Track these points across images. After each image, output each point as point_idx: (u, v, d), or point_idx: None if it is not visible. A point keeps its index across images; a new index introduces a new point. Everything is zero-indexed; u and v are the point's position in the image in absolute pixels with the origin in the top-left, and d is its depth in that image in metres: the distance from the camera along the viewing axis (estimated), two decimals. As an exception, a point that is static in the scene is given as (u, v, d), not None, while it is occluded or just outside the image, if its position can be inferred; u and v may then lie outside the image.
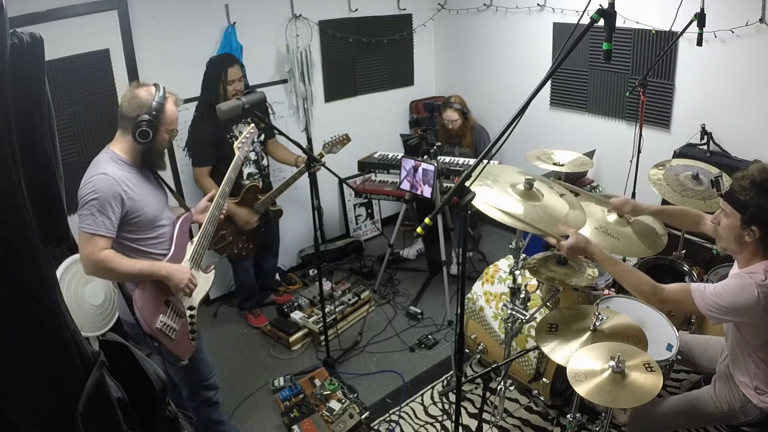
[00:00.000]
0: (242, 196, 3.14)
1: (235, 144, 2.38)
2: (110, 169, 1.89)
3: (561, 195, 2.20)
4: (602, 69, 3.68)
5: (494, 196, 2.03)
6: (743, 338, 1.84)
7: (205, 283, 2.21)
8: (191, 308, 2.13)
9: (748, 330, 1.81)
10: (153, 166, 2.08)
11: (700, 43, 2.75)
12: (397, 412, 2.80)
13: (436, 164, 3.22)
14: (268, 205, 3.24)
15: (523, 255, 2.34)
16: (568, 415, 2.16)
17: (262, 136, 3.31)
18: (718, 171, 2.56)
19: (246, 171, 3.24)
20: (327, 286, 3.64)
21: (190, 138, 3.18)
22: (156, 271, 1.96)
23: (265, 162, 3.37)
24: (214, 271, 2.28)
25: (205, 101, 3.04)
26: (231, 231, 3.17)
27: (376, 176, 3.85)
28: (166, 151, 2.12)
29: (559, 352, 1.94)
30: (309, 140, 4.13)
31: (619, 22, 3.32)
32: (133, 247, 1.99)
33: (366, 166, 3.78)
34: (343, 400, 2.74)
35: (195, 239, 2.16)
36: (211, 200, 2.26)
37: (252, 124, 2.50)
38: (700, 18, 2.69)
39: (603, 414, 2.16)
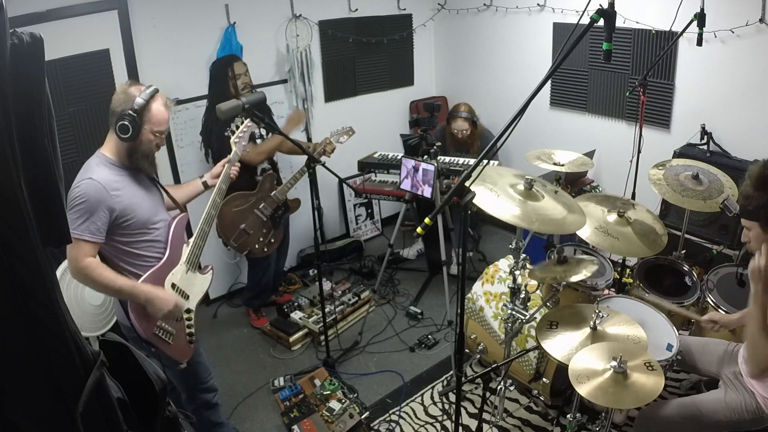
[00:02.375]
0: (260, 187, 3.21)
1: (232, 139, 2.36)
2: (98, 173, 1.85)
3: (555, 192, 2.21)
4: (602, 69, 3.68)
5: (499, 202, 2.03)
6: None
7: (202, 284, 2.19)
8: (188, 311, 2.11)
9: None
10: (140, 170, 2.00)
11: (700, 43, 2.75)
12: (397, 412, 2.80)
13: (436, 164, 3.22)
14: (285, 194, 3.27)
15: (523, 255, 2.34)
16: (568, 415, 2.16)
17: (269, 134, 3.33)
18: (725, 195, 2.52)
19: (260, 167, 3.29)
20: (327, 286, 3.64)
21: (208, 137, 3.18)
22: (136, 294, 1.88)
23: (275, 158, 3.41)
24: (212, 271, 2.26)
25: (215, 101, 3.04)
26: (251, 224, 3.18)
27: (376, 176, 3.85)
28: (163, 154, 2.07)
29: (558, 349, 1.94)
30: (309, 140, 4.13)
31: (619, 22, 3.32)
32: (126, 250, 1.95)
33: (366, 166, 3.78)
34: (343, 400, 2.74)
35: (191, 240, 2.12)
36: (225, 168, 2.25)
37: (248, 120, 2.46)
38: (700, 18, 2.68)
39: (603, 414, 2.16)
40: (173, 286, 2.04)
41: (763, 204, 1.74)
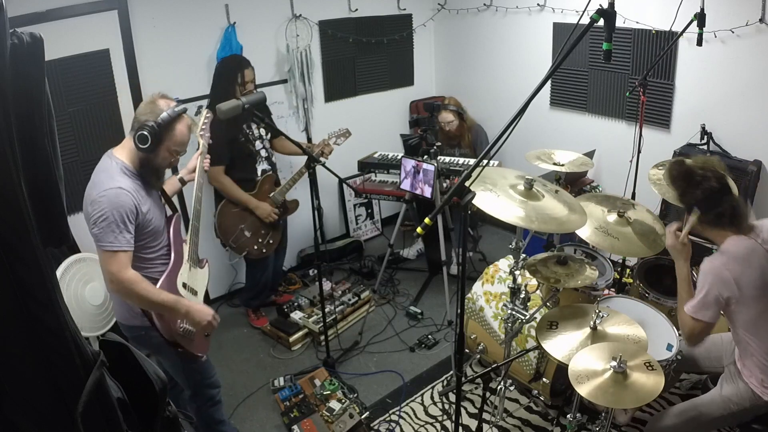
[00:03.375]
0: (258, 188, 3.20)
1: (197, 131, 2.31)
2: (124, 182, 1.86)
3: (556, 191, 2.21)
4: (602, 69, 3.68)
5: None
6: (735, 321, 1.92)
7: (204, 278, 2.22)
8: None
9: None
10: (147, 180, 2.01)
11: (700, 43, 2.75)
12: (397, 412, 2.80)
13: (436, 164, 3.22)
14: (284, 195, 3.27)
15: (523, 255, 2.34)
16: (568, 415, 2.16)
17: (269, 135, 3.33)
18: None
19: (260, 168, 3.28)
20: (327, 286, 3.64)
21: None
22: (177, 309, 1.94)
23: (274, 159, 3.41)
24: (208, 264, 2.28)
25: (218, 102, 3.02)
26: (249, 225, 3.17)
27: (376, 176, 3.85)
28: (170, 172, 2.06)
29: (558, 349, 1.94)
30: (309, 140, 4.13)
31: (619, 22, 3.32)
32: (138, 255, 1.96)
33: (366, 166, 3.78)
34: (343, 400, 2.74)
35: (187, 238, 2.14)
36: (198, 161, 2.23)
37: (206, 110, 2.39)
38: (700, 18, 2.68)
39: (603, 414, 2.16)
40: (184, 285, 2.07)
41: (679, 195, 2.01)
